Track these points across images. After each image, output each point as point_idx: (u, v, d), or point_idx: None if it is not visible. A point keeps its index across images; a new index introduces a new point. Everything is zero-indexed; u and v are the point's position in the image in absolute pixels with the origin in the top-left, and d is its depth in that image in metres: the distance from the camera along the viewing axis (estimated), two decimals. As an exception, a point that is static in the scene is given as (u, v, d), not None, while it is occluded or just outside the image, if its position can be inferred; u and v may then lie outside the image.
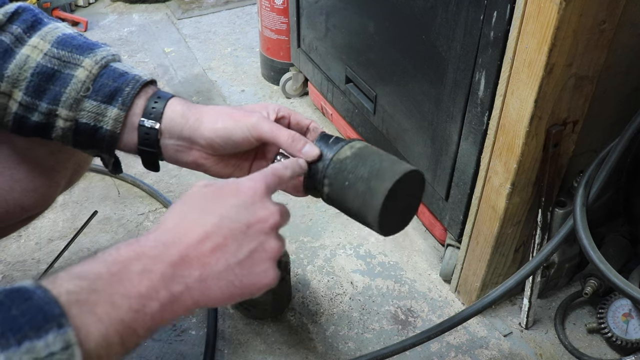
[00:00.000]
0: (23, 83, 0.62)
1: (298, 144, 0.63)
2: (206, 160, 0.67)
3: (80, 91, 0.62)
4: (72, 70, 0.62)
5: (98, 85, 0.63)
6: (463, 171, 1.03)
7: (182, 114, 0.65)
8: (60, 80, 0.62)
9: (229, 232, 0.50)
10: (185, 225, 0.50)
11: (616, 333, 1.02)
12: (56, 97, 0.62)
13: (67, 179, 0.79)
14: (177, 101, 0.66)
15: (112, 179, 1.43)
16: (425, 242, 1.29)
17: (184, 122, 0.65)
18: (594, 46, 0.80)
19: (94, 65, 0.63)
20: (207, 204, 0.52)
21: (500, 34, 0.83)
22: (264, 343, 1.07)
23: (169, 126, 0.65)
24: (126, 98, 0.63)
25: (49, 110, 0.62)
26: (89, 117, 0.63)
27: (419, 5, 1.01)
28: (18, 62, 0.61)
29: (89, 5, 2.28)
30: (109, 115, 0.63)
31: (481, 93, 0.91)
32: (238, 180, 0.54)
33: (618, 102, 0.93)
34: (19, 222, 0.80)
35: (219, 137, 0.64)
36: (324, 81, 1.51)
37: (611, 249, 1.08)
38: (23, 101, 0.62)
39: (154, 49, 2.02)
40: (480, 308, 0.95)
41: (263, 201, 0.53)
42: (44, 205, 0.78)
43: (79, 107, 0.63)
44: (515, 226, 1.00)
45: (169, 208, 0.53)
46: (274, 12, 1.63)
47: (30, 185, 0.73)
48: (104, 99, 0.63)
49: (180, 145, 0.66)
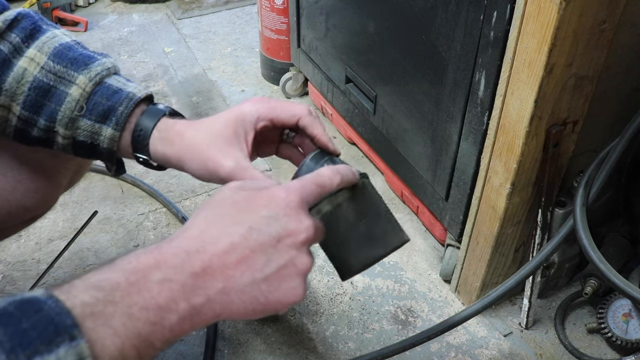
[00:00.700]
0: (21, 97, 0.62)
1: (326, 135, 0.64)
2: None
3: (75, 110, 0.62)
4: (66, 87, 0.62)
5: (92, 103, 0.62)
6: (463, 171, 1.03)
7: (162, 154, 0.63)
8: (55, 97, 0.62)
9: (257, 245, 0.47)
10: (211, 233, 0.47)
11: (616, 333, 1.02)
12: (52, 115, 0.62)
13: (68, 180, 0.80)
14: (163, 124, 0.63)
15: (112, 179, 1.43)
16: (425, 242, 1.29)
17: (168, 162, 0.64)
18: (594, 46, 0.80)
19: (88, 82, 0.62)
20: (236, 212, 0.48)
21: (500, 34, 0.83)
22: (264, 343, 1.07)
23: (156, 159, 0.64)
24: (120, 118, 0.62)
25: (47, 127, 0.63)
26: (86, 136, 0.63)
27: (419, 5, 1.01)
28: (16, 76, 0.62)
29: (89, 5, 2.28)
30: (104, 134, 0.63)
31: (481, 93, 0.91)
32: (272, 188, 0.51)
33: (618, 102, 0.93)
34: (22, 222, 0.80)
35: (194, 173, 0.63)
36: (324, 81, 1.51)
37: (611, 249, 1.08)
38: (22, 115, 0.63)
39: (154, 49, 2.02)
40: (480, 308, 0.95)
41: (297, 214, 0.49)
42: (46, 206, 0.78)
43: (75, 125, 0.63)
44: (515, 226, 1.00)
45: (196, 211, 0.50)
46: (274, 12, 1.63)
47: (33, 186, 0.73)
48: (97, 118, 0.62)
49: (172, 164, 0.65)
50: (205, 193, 1.41)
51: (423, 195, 1.21)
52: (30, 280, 1.13)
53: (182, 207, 1.36)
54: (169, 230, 1.30)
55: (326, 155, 0.64)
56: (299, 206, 0.50)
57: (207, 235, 0.46)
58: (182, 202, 1.38)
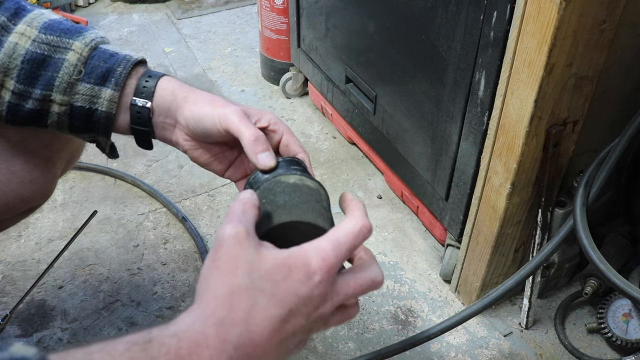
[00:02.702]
0: (14, 71, 0.62)
1: (258, 147, 0.59)
2: (186, 142, 0.66)
3: (73, 74, 0.62)
4: (62, 54, 0.62)
5: (90, 67, 0.62)
6: (463, 171, 1.03)
7: (172, 91, 0.64)
8: (51, 66, 0.62)
9: (294, 329, 0.46)
10: (255, 318, 0.44)
11: (616, 333, 1.02)
12: (49, 82, 0.62)
13: (62, 169, 0.80)
14: (168, 79, 0.65)
15: (112, 179, 1.43)
16: (425, 242, 1.29)
17: (172, 100, 0.64)
18: (594, 46, 0.80)
19: (84, 47, 0.63)
20: (274, 285, 0.45)
21: (500, 34, 0.83)
22: (264, 343, 1.07)
23: (159, 104, 0.64)
24: (119, 78, 0.63)
25: (43, 96, 0.62)
26: (84, 100, 0.63)
27: (419, 5, 1.01)
28: (7, 51, 0.61)
29: (89, 5, 2.28)
30: (103, 96, 0.63)
31: (481, 93, 0.91)
32: (307, 253, 0.47)
33: (618, 102, 0.93)
34: (19, 214, 0.80)
35: (193, 119, 0.63)
36: (324, 81, 1.51)
37: (611, 249, 1.08)
38: (16, 89, 0.62)
39: (154, 49, 2.02)
40: (480, 308, 0.95)
41: (332, 287, 0.48)
42: (43, 196, 0.78)
43: (73, 90, 0.63)
44: (515, 226, 1.00)
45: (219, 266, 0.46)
46: (274, 12, 1.63)
47: (28, 177, 0.73)
48: (96, 80, 0.63)
49: (167, 123, 0.66)
50: (205, 193, 1.41)
51: (423, 195, 1.21)
52: (30, 280, 1.13)
53: (182, 207, 1.36)
54: (169, 230, 1.30)
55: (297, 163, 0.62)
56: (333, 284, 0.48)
57: (252, 319, 0.44)
58: (182, 202, 1.38)
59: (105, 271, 1.20)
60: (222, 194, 1.41)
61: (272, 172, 0.60)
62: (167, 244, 1.27)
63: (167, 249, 1.26)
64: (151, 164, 1.48)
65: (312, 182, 0.59)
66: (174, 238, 1.28)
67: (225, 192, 1.41)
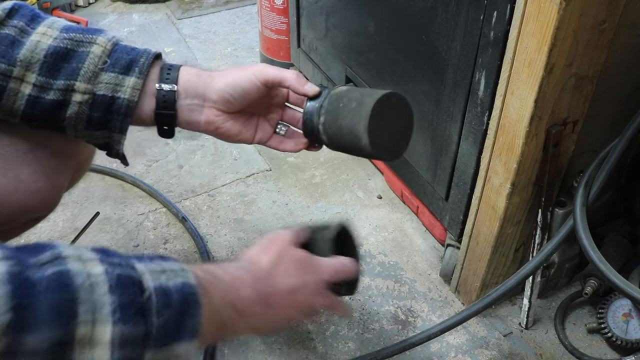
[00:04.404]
0: (36, 65, 0.63)
1: (302, 80, 0.72)
2: (217, 118, 0.72)
3: (99, 64, 0.65)
4: (86, 47, 0.65)
5: (114, 58, 0.66)
6: (463, 171, 1.03)
7: (196, 73, 0.71)
8: (75, 58, 0.65)
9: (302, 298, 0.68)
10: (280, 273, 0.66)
11: (616, 333, 1.02)
12: (74, 72, 0.64)
13: (69, 179, 0.80)
14: (189, 66, 0.71)
15: (112, 179, 1.43)
16: (425, 242, 1.29)
17: (198, 80, 0.70)
18: (594, 46, 0.80)
19: (107, 42, 0.67)
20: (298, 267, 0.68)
21: (500, 34, 0.83)
22: (264, 343, 1.07)
23: (186, 87, 0.70)
24: (142, 67, 0.67)
25: (65, 85, 0.64)
26: (107, 89, 0.65)
27: (419, 5, 1.01)
28: (30, 47, 0.63)
29: (89, 5, 2.28)
30: (127, 84, 0.66)
31: (481, 93, 0.91)
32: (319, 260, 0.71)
33: (618, 102, 0.93)
34: (24, 224, 0.80)
35: (229, 87, 0.70)
36: (324, 81, 1.51)
37: (611, 249, 1.08)
38: (37, 82, 0.64)
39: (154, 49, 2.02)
40: (480, 308, 0.95)
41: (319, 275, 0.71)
42: (49, 206, 0.78)
43: (97, 79, 0.65)
44: (515, 226, 1.00)
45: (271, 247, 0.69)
46: (274, 12, 1.63)
47: (34, 187, 0.73)
48: (121, 70, 0.66)
49: (194, 104, 0.71)
50: (205, 193, 1.41)
51: (423, 195, 1.21)
52: (30, 280, 1.13)
53: (182, 207, 1.36)
54: (169, 230, 1.30)
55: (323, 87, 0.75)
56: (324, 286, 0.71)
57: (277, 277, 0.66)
58: (182, 202, 1.38)
59: (105, 271, 1.20)
60: (222, 194, 1.41)
61: (317, 98, 0.73)
62: (167, 244, 1.27)
63: (167, 249, 1.26)
64: (151, 164, 1.48)
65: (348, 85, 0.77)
66: (174, 238, 1.28)
67: (225, 192, 1.41)
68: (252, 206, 1.37)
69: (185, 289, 0.53)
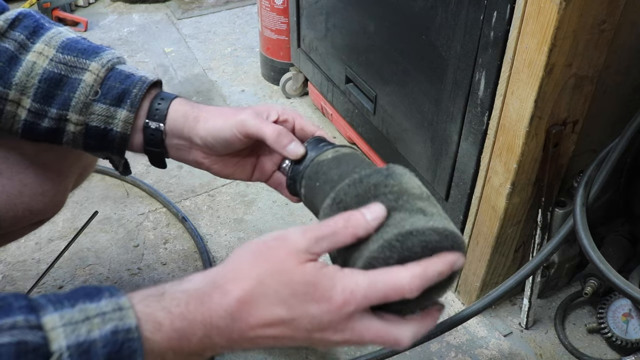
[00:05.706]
0: (31, 90, 0.62)
1: (284, 140, 0.62)
2: (205, 160, 0.68)
3: (89, 95, 0.63)
4: (79, 74, 0.63)
5: (106, 88, 0.63)
6: (463, 171, 1.03)
7: (183, 113, 0.65)
8: (68, 86, 0.63)
9: (294, 333, 0.47)
10: (261, 302, 0.47)
11: (616, 333, 1.02)
12: (65, 102, 0.63)
13: (73, 182, 0.80)
14: (180, 102, 0.66)
15: (112, 179, 1.43)
16: (425, 242, 1.28)
17: (184, 122, 0.65)
18: (594, 46, 0.80)
19: (101, 68, 0.64)
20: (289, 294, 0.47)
21: (500, 34, 0.83)
22: (264, 343, 1.07)
23: (172, 126, 0.65)
24: (134, 100, 0.64)
25: (59, 115, 0.63)
26: (99, 120, 0.64)
27: (419, 5, 1.01)
28: (25, 69, 0.62)
29: (89, 5, 2.28)
30: (119, 117, 0.64)
31: (481, 93, 0.91)
32: (338, 279, 0.47)
33: (618, 102, 0.93)
34: (28, 226, 0.80)
35: (210, 136, 0.64)
36: (324, 81, 1.51)
37: (611, 249, 1.08)
38: (32, 108, 0.63)
39: (154, 49, 2.02)
40: (480, 308, 0.94)
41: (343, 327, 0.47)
42: (53, 209, 0.78)
43: (89, 110, 0.63)
44: (515, 226, 1.00)
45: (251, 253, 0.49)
46: (274, 12, 1.63)
47: (39, 190, 0.73)
48: (112, 101, 0.63)
49: (182, 144, 0.67)
50: (205, 193, 1.41)
51: (423, 195, 1.21)
52: (31, 280, 1.13)
53: (182, 207, 1.36)
54: (169, 230, 1.30)
55: (321, 140, 0.65)
56: (349, 318, 0.47)
57: (256, 302, 0.47)
58: (182, 202, 1.38)
59: (105, 271, 1.20)
60: (222, 194, 1.41)
61: (304, 158, 0.62)
62: (167, 244, 1.27)
63: (167, 249, 1.26)
64: (151, 164, 1.48)
65: (345, 148, 0.63)
66: (174, 238, 1.28)
67: (225, 192, 1.41)
68: (252, 206, 1.37)
69: (119, 336, 0.42)
